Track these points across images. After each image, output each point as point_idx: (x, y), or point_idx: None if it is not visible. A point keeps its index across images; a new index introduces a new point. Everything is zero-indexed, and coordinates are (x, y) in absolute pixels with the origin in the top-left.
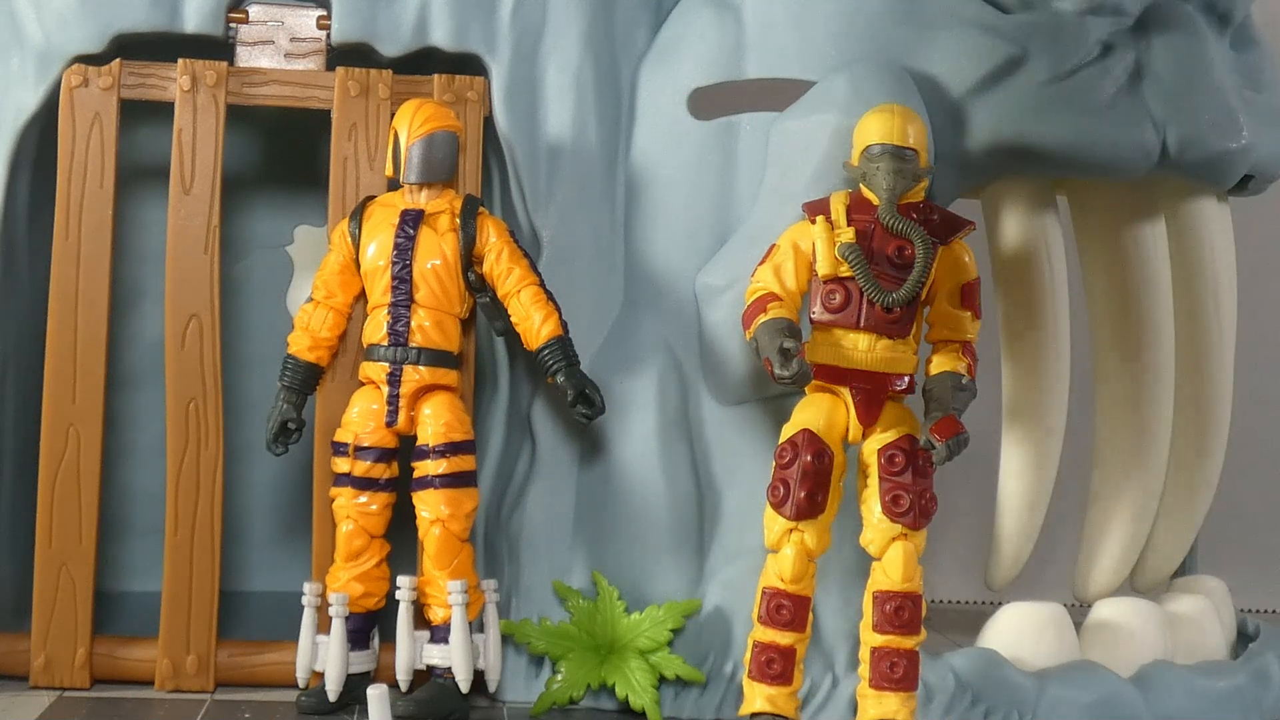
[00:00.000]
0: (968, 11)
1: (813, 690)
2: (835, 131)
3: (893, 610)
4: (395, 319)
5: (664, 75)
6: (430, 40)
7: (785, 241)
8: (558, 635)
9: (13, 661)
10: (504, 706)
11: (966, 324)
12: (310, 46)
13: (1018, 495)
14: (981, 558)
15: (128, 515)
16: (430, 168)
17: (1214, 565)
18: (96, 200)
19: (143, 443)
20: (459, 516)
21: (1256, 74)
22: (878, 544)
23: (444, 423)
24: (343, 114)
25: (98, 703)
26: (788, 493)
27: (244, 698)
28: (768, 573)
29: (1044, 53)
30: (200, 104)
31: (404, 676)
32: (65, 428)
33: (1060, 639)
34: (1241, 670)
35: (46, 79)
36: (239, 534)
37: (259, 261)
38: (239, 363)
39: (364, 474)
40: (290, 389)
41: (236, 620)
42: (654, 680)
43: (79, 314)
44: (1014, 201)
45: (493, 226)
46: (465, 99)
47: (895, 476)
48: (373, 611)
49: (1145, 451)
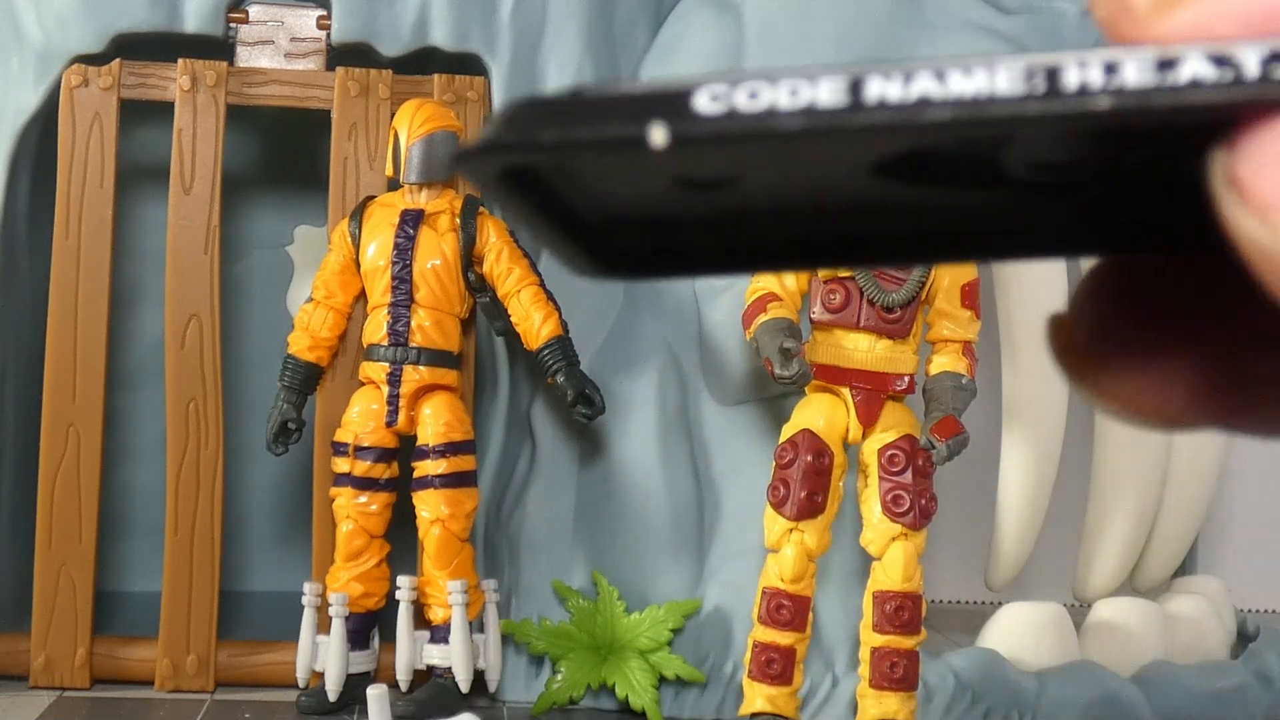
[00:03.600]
0: (968, 12)
1: (813, 690)
2: None
3: (893, 610)
4: (395, 319)
5: (664, 75)
6: (430, 40)
7: None
8: (558, 635)
9: (13, 661)
10: (504, 706)
11: (966, 324)
12: (310, 46)
13: (1018, 495)
14: (981, 558)
15: (128, 515)
16: (430, 168)
17: (1214, 565)
18: (96, 200)
19: (143, 442)
20: (459, 516)
21: None
22: (878, 544)
23: (444, 423)
24: (343, 114)
25: (98, 703)
26: (788, 493)
27: (244, 698)
28: (768, 573)
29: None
30: (200, 104)
31: (404, 676)
32: (65, 428)
33: (1060, 639)
34: (1241, 670)
35: (46, 79)
36: (239, 534)
37: (259, 261)
38: (239, 363)
39: (364, 474)
40: (290, 389)
41: (236, 620)
42: (654, 680)
43: (79, 314)
44: None
45: (493, 226)
46: (465, 99)
47: (895, 476)
48: (373, 611)
49: (1145, 451)
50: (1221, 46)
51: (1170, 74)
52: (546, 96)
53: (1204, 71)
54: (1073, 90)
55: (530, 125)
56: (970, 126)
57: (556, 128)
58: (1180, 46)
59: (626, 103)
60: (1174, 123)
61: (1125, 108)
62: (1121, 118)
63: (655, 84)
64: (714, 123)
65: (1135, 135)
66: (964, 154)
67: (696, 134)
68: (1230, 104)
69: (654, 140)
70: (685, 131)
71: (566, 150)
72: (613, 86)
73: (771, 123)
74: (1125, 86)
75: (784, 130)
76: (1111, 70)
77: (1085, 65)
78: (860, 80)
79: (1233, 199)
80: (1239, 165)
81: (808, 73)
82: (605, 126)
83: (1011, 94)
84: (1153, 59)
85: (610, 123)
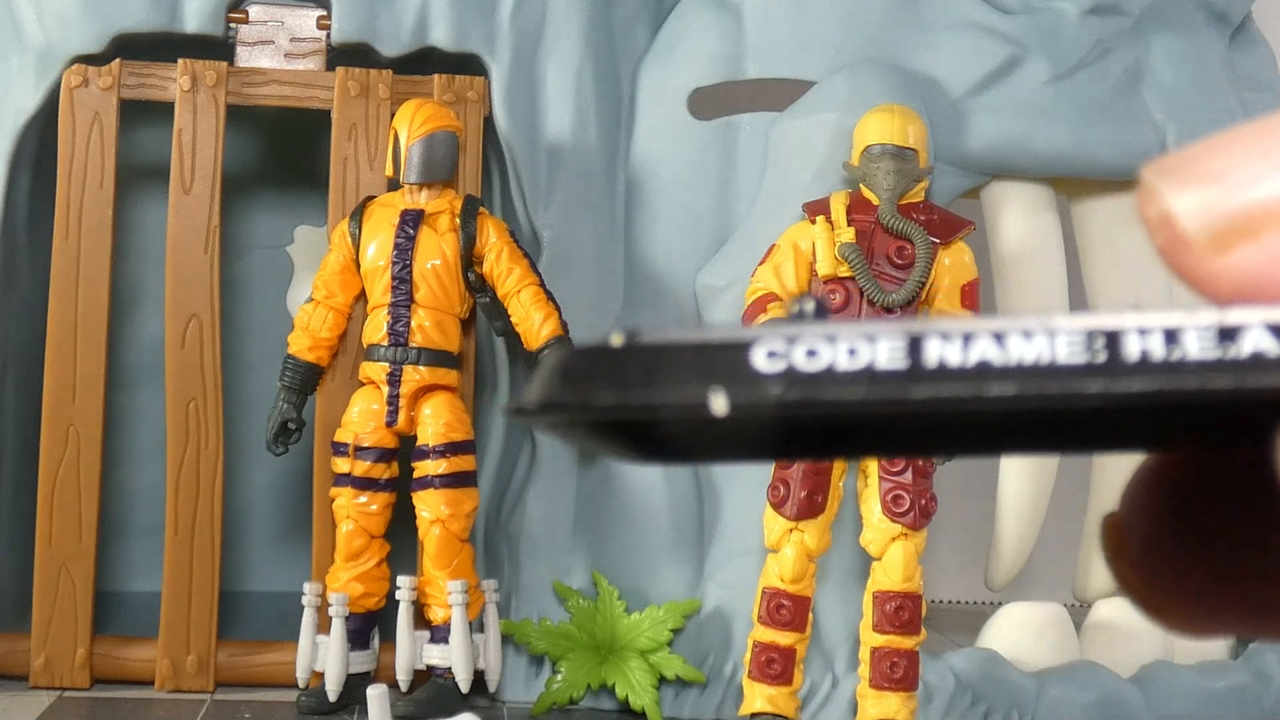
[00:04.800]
0: (968, 12)
1: (813, 690)
2: (835, 131)
3: (893, 610)
4: (395, 319)
5: (664, 75)
6: (430, 40)
7: (785, 241)
8: (558, 635)
9: (13, 661)
10: (504, 706)
11: None
12: (310, 46)
13: (1018, 495)
14: (981, 558)
15: (128, 515)
16: (430, 168)
17: None
18: (96, 200)
19: (143, 442)
20: (459, 516)
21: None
22: (878, 544)
23: (444, 423)
24: (343, 114)
25: (98, 703)
26: (788, 493)
27: (244, 698)
28: (768, 573)
29: (1044, 53)
30: (200, 104)
31: (404, 676)
32: (65, 428)
33: (1060, 639)
34: (1241, 670)
35: (46, 79)
36: (239, 534)
37: (259, 261)
38: (239, 363)
39: (364, 474)
40: (290, 389)
41: (236, 620)
42: (654, 680)
43: (79, 314)
44: (1014, 201)
45: (493, 227)
46: (465, 99)
47: (895, 476)
48: (373, 611)
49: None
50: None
51: (1232, 346)
52: (601, 347)
53: (1266, 345)
54: (1134, 361)
55: (586, 383)
56: (1033, 402)
57: (613, 389)
58: (1242, 312)
59: (684, 357)
60: (1238, 401)
61: (1187, 389)
62: (1185, 398)
63: (712, 334)
64: (774, 385)
65: (1198, 407)
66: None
67: (757, 402)
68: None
69: (715, 409)
70: (745, 399)
71: (624, 412)
72: (668, 333)
73: (832, 393)
74: (1186, 358)
75: (846, 402)
76: (1173, 339)
77: (1146, 333)
78: (919, 340)
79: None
80: None
81: (866, 332)
82: (664, 390)
83: (1072, 362)
84: (1214, 327)
85: (669, 385)
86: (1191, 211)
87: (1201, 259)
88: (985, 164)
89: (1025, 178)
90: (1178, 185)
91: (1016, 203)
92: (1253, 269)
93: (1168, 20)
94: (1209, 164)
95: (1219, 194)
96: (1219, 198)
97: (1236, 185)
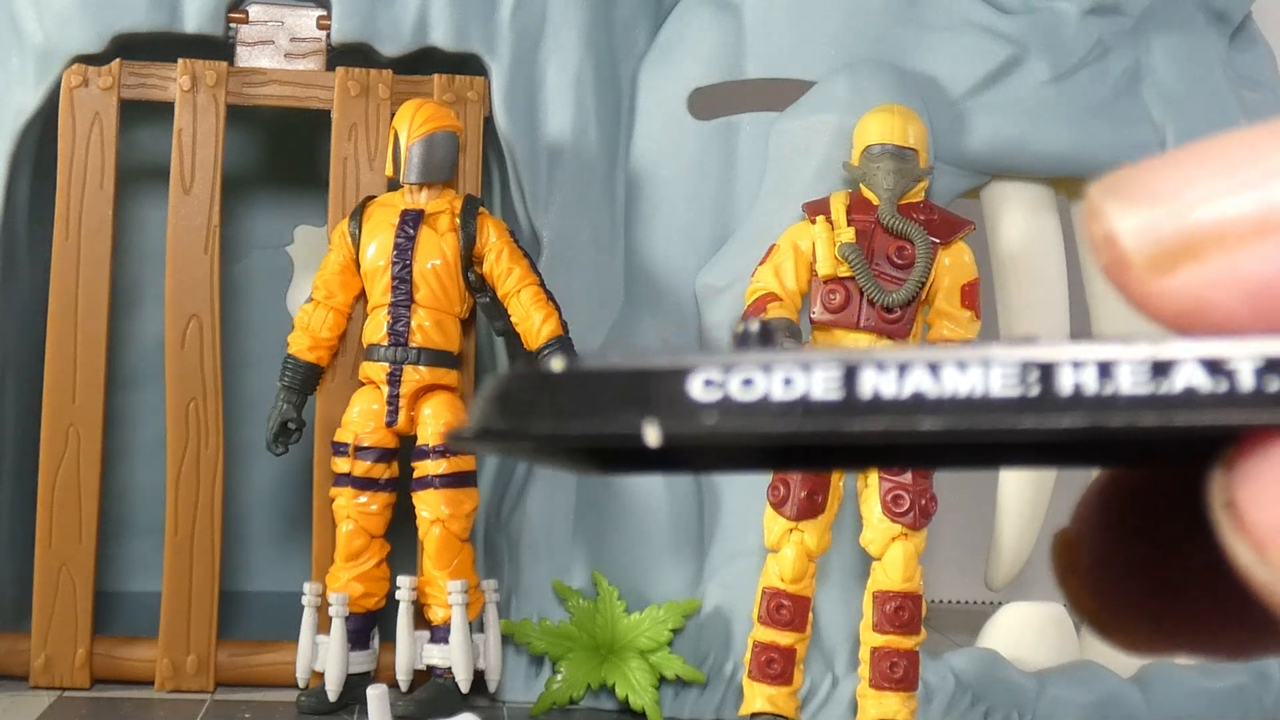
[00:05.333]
0: (968, 12)
1: (813, 690)
2: (835, 131)
3: (893, 610)
4: (395, 319)
5: (664, 75)
6: (430, 40)
7: (785, 241)
8: (558, 635)
9: (13, 661)
10: (504, 706)
11: (967, 324)
12: (310, 46)
13: (1018, 495)
14: (981, 558)
15: (127, 515)
16: (430, 168)
17: None
18: (96, 200)
19: (143, 443)
20: (459, 516)
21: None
22: (878, 544)
23: (444, 423)
24: (343, 114)
25: (98, 703)
26: (788, 493)
27: (244, 698)
28: (768, 573)
29: (1044, 53)
30: (200, 104)
31: (404, 676)
32: (65, 428)
33: (1060, 639)
34: (1241, 670)
35: (46, 79)
36: (239, 534)
37: (259, 261)
38: (239, 363)
39: (364, 474)
40: (290, 389)
41: (236, 620)
42: (654, 680)
43: (79, 314)
44: (1014, 201)
45: (493, 226)
46: (465, 99)
47: (895, 476)
48: (373, 611)
49: None
50: (1217, 347)
51: (1165, 381)
52: (537, 371)
53: (1198, 381)
54: (1066, 395)
55: (521, 410)
56: (963, 437)
57: (549, 417)
58: (1175, 346)
59: (620, 383)
60: (1171, 437)
61: (1117, 426)
62: (1116, 434)
63: (649, 360)
64: (709, 415)
65: (1132, 441)
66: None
67: (690, 434)
68: (1224, 427)
69: (648, 440)
70: (679, 430)
71: (560, 442)
72: (604, 360)
73: (765, 426)
74: (1119, 393)
75: (777, 434)
76: (1106, 373)
77: (1080, 365)
78: (854, 370)
79: (1229, 524)
80: (1236, 490)
81: (802, 361)
82: (597, 420)
83: (1005, 396)
84: (1147, 362)
85: (603, 414)
86: (1134, 231)
87: (1143, 280)
88: (985, 164)
89: (1025, 178)
90: (1122, 205)
91: (1016, 203)
92: (1195, 291)
93: (1167, 20)
94: (1154, 184)
95: (1162, 215)
96: (1162, 219)
97: (1181, 206)
